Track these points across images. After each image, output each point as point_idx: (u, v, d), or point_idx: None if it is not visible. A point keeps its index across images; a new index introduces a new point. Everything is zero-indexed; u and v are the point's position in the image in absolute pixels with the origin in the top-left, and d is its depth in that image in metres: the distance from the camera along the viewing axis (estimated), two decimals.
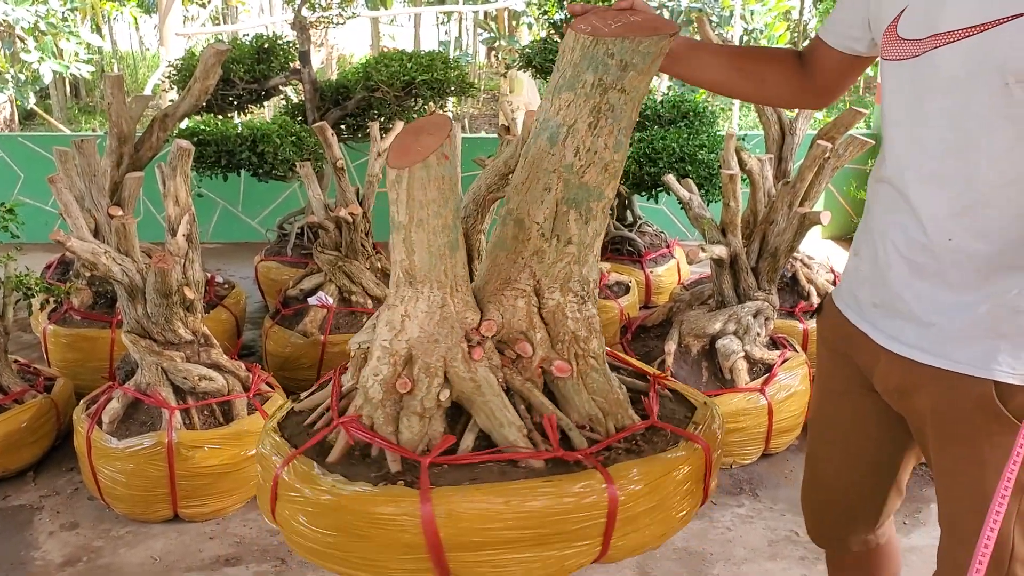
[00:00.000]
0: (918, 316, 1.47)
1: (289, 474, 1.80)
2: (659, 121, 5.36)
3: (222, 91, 4.95)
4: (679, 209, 5.99)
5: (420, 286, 1.82)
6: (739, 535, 2.98)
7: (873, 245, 1.56)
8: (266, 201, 7.09)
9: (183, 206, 3.14)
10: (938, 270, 1.43)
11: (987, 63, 1.29)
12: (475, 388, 1.86)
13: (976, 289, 1.40)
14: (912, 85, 1.43)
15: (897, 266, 1.50)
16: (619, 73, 1.67)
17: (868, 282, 1.58)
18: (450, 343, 1.85)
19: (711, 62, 1.77)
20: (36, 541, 2.95)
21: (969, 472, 1.47)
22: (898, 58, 1.45)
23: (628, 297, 4.54)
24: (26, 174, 6.97)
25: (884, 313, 1.55)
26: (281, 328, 4.02)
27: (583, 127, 1.75)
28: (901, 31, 1.43)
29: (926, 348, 1.46)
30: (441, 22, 16.07)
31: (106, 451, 2.93)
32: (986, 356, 1.40)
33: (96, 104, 14.02)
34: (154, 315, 3.02)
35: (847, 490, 1.82)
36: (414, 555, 1.69)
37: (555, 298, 1.92)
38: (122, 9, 10.44)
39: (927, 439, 1.54)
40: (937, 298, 1.44)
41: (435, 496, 1.68)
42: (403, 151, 1.69)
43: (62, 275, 4.69)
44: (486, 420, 1.86)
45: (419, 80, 4.94)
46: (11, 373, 3.41)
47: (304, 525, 1.76)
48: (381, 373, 1.85)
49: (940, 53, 1.36)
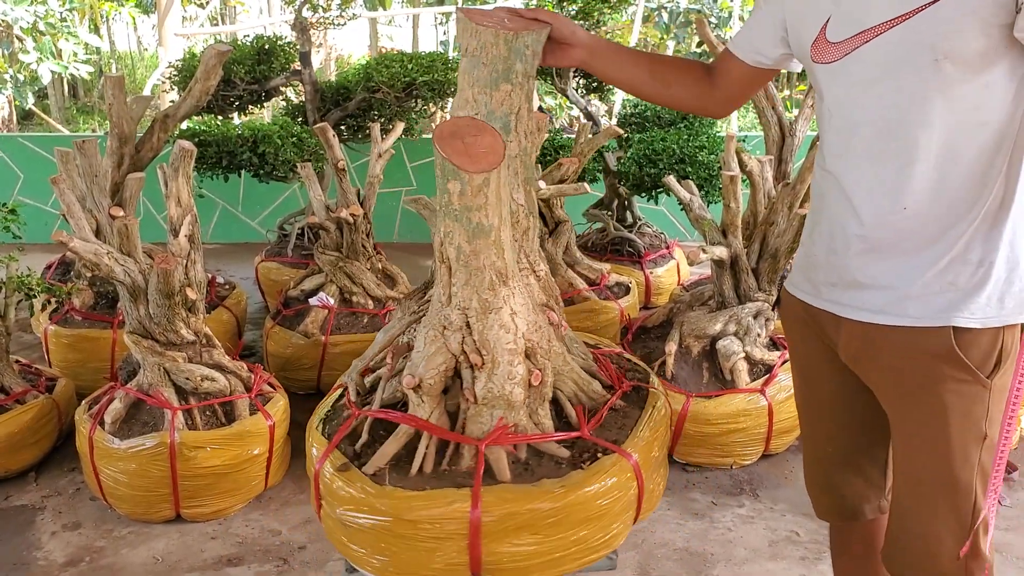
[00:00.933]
0: (876, 285, 1.57)
1: (490, 513, 1.83)
2: (659, 123, 5.37)
3: (223, 92, 4.96)
4: (679, 210, 6.00)
5: (512, 282, 1.92)
6: (740, 535, 2.99)
7: (827, 231, 1.66)
8: (266, 202, 7.10)
9: (185, 207, 3.15)
10: (893, 241, 1.54)
11: (918, 45, 1.43)
12: (564, 360, 2.09)
13: (928, 249, 1.51)
14: (846, 79, 1.56)
15: (853, 246, 1.59)
16: (532, 62, 1.90)
17: (823, 267, 1.68)
18: (545, 324, 2.03)
19: (627, 63, 1.93)
20: (38, 541, 2.96)
21: (931, 422, 1.56)
22: (830, 60, 1.58)
23: (628, 298, 4.55)
24: (26, 174, 6.97)
25: (841, 288, 1.64)
26: (282, 329, 4.03)
27: (524, 113, 1.96)
28: (830, 36, 1.57)
29: (885, 310, 1.57)
30: (439, 23, 16.08)
31: (108, 451, 2.93)
32: (943, 308, 1.51)
33: (94, 104, 14.03)
34: (156, 316, 3.03)
35: (851, 456, 1.86)
36: (632, 509, 2.01)
37: (543, 268, 2.16)
38: (120, 9, 10.45)
39: (888, 397, 1.64)
40: (893, 267, 1.55)
41: (628, 449, 1.99)
42: (468, 156, 1.73)
43: (63, 276, 4.70)
44: (573, 386, 2.10)
45: (420, 81, 4.95)
46: (13, 373, 3.41)
47: (541, 544, 1.88)
48: (519, 375, 1.92)
49: (871, 45, 1.49)
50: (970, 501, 1.58)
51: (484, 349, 1.91)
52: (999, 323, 1.51)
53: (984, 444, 1.55)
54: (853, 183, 1.57)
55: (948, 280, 1.51)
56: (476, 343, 1.92)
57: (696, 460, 3.39)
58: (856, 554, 1.97)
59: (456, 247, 1.85)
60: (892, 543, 1.70)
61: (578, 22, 5.12)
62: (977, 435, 1.55)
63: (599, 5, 5.13)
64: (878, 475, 1.87)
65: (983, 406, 1.53)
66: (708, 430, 3.29)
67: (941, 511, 1.59)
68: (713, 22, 10.71)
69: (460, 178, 1.73)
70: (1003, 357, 1.53)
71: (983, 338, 1.51)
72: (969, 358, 1.51)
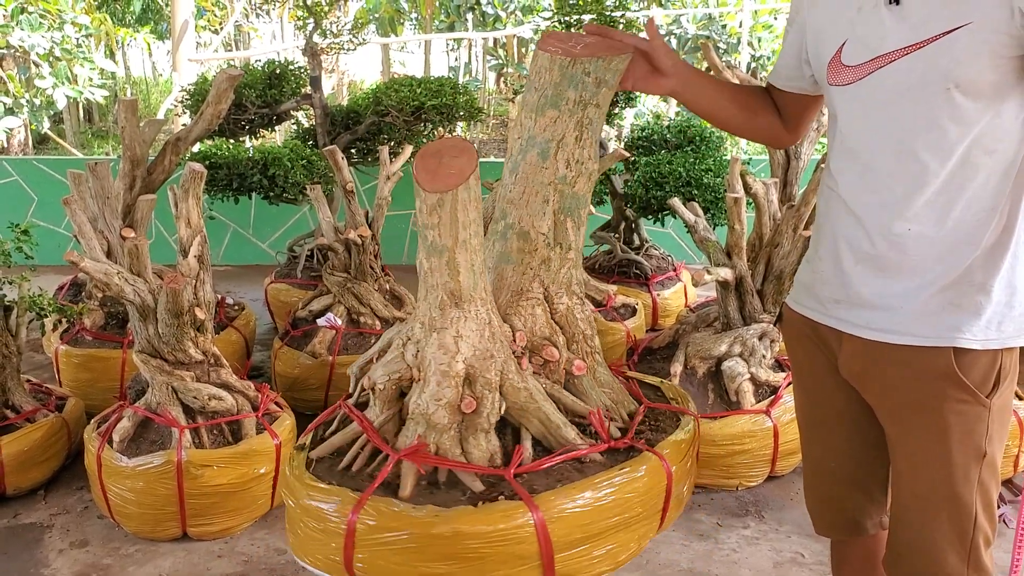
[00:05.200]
0: (880, 305, 1.61)
1: (369, 519, 1.78)
2: (666, 145, 5.41)
3: (234, 115, 5.02)
4: (685, 232, 6.03)
5: (467, 306, 1.87)
6: (745, 557, 2.99)
7: (833, 249, 1.69)
8: (276, 224, 7.16)
9: (195, 227, 3.19)
10: (898, 261, 1.58)
11: (932, 73, 1.47)
12: (528, 397, 1.97)
13: (932, 270, 1.55)
14: (860, 102, 1.60)
15: (860, 264, 1.63)
16: (595, 90, 1.85)
17: (830, 283, 1.71)
18: (502, 357, 1.93)
19: (717, 95, 1.88)
20: (46, 559, 2.98)
21: (933, 441, 1.59)
22: (845, 83, 1.62)
23: (635, 319, 4.57)
24: (39, 197, 7.06)
25: (847, 306, 1.67)
26: (290, 349, 4.05)
27: (571, 141, 1.90)
28: (845, 60, 1.61)
29: (889, 329, 1.60)
30: (450, 49, 16.21)
31: (116, 469, 2.95)
32: (946, 328, 1.55)
33: (108, 128, 14.17)
34: (165, 335, 3.06)
35: (853, 472, 1.87)
36: (528, 564, 1.77)
37: (564, 302, 2.07)
38: (135, 36, 10.59)
39: (889, 415, 1.67)
40: (898, 286, 1.59)
41: (540, 502, 1.77)
42: (433, 175, 1.73)
43: (74, 296, 4.74)
44: (540, 426, 1.98)
45: (428, 105, 5.01)
46: (23, 392, 3.45)
47: (404, 566, 1.75)
48: (445, 397, 1.88)
49: (886, 71, 1.53)
50: (971, 517, 1.60)
51: (420, 366, 1.91)
52: (998, 345, 1.54)
53: (984, 462, 1.58)
54: (863, 204, 1.61)
55: (951, 301, 1.54)
56: (416, 358, 1.93)
57: (701, 481, 3.39)
58: (856, 568, 1.98)
59: (419, 262, 1.88)
60: (895, 556, 1.71)
61: None
62: (977, 454, 1.58)
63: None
64: (879, 491, 1.87)
65: (983, 425, 1.56)
66: (713, 451, 3.29)
67: (943, 526, 1.62)
68: (721, 47, 10.78)
69: (419, 195, 1.75)
70: (1002, 377, 1.56)
71: (983, 359, 1.54)
72: (969, 378, 1.54)
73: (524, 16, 12.17)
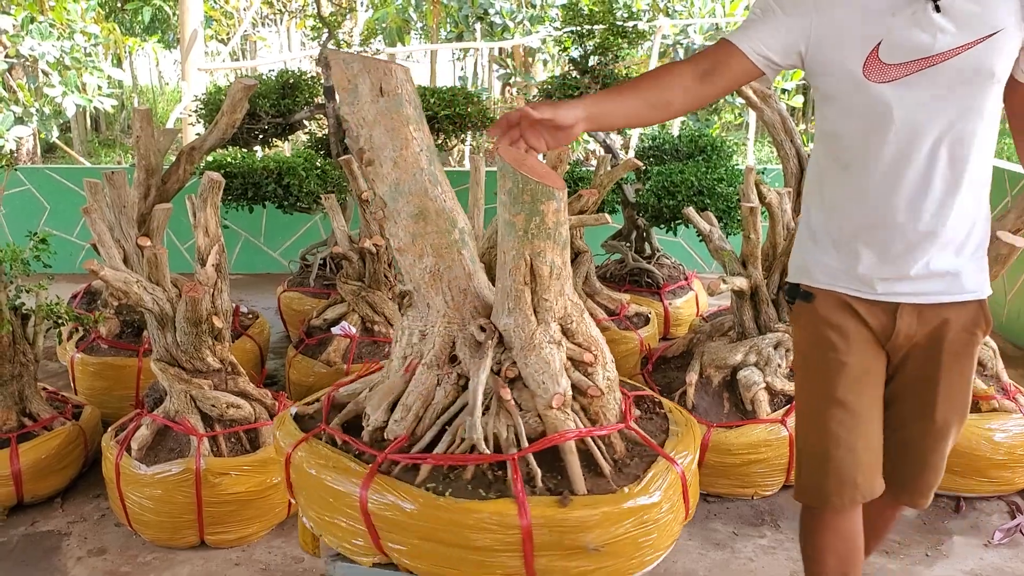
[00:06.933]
0: (935, 273, 1.92)
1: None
2: (677, 155, 5.42)
3: (248, 125, 5.03)
4: (697, 242, 6.03)
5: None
6: (761, 566, 2.99)
7: (880, 237, 1.92)
8: (288, 233, 7.18)
9: (213, 236, 3.20)
10: (948, 236, 1.89)
11: (979, 69, 1.79)
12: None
13: (969, 239, 1.92)
14: (909, 94, 1.82)
15: (913, 245, 1.90)
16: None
17: (876, 266, 1.94)
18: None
19: (624, 106, 1.93)
20: (64, 567, 2.98)
21: (965, 376, 2.03)
22: (892, 79, 1.83)
23: (648, 328, 4.57)
24: (52, 205, 7.08)
25: (905, 282, 1.93)
26: (305, 357, 4.07)
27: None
28: (884, 58, 1.82)
29: (947, 292, 1.94)
30: (457, 58, 16.25)
31: (134, 477, 2.96)
32: (980, 284, 1.96)
33: (116, 138, 14.22)
34: (183, 343, 3.07)
35: (875, 437, 2.06)
36: None
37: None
38: (144, 45, 10.62)
39: (936, 364, 2.00)
40: (948, 256, 1.91)
41: None
42: (545, 177, 1.91)
43: (88, 305, 4.76)
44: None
45: (441, 115, 5.02)
46: (40, 401, 3.46)
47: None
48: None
49: (937, 68, 1.79)
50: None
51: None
52: (990, 291, 2.00)
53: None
54: (914, 190, 1.87)
55: (978, 263, 1.95)
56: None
57: (717, 490, 3.39)
58: (847, 533, 2.11)
59: (549, 263, 2.01)
60: (911, 479, 2.11)
61: (595, 56, 5.21)
62: (974, 372, 2.06)
63: (616, 40, 5.19)
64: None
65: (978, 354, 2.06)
66: (729, 460, 3.29)
67: (952, 440, 2.08)
68: None
69: (555, 196, 1.91)
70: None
71: (986, 304, 1.99)
72: (987, 319, 1.99)
73: (532, 26, 12.19)
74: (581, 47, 5.27)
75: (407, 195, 2.10)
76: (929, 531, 3.20)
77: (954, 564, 3.00)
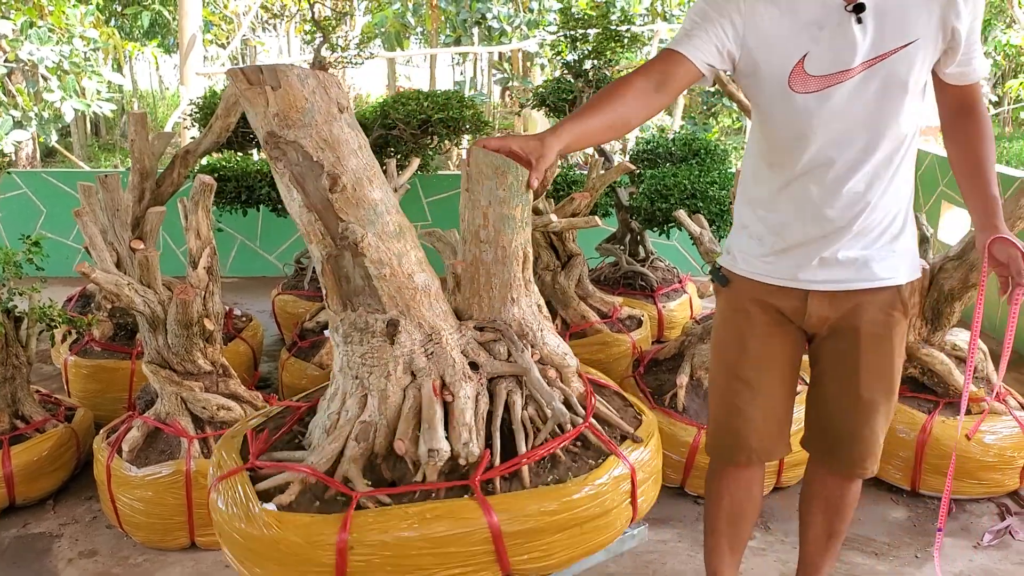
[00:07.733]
0: (849, 261, 2.06)
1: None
2: (671, 158, 5.43)
3: (242, 128, 5.05)
4: (690, 245, 6.04)
5: None
6: (751, 568, 2.99)
7: (800, 230, 2.06)
8: (283, 236, 7.19)
9: (204, 239, 3.21)
10: (863, 227, 2.02)
11: (892, 78, 1.90)
12: None
13: (885, 231, 2.05)
14: (829, 104, 1.93)
15: (831, 236, 2.04)
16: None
17: (796, 255, 2.09)
18: None
19: (591, 129, 1.96)
20: (55, 569, 2.99)
21: (887, 355, 2.16)
22: (814, 90, 1.93)
23: (640, 331, 4.58)
24: (48, 209, 7.10)
25: (819, 268, 2.08)
26: (298, 360, 4.08)
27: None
28: (809, 70, 1.92)
29: (857, 279, 2.07)
30: (456, 63, 16.29)
31: (125, 479, 2.98)
32: (893, 270, 2.08)
33: (115, 142, 14.24)
34: (174, 346, 3.08)
35: (777, 409, 2.29)
36: None
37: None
38: (143, 49, 10.64)
39: (855, 344, 2.14)
40: (863, 246, 2.05)
41: None
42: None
43: (83, 308, 4.77)
44: None
45: (435, 118, 5.04)
46: (33, 403, 3.47)
47: None
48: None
49: (855, 80, 1.91)
50: (895, 401, 2.25)
51: None
52: (911, 278, 2.12)
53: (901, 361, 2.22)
54: (832, 188, 2.00)
55: (894, 250, 2.07)
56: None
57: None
58: (744, 487, 2.39)
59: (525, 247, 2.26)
60: (834, 443, 2.26)
61: (591, 61, 5.22)
62: (902, 355, 2.21)
63: (611, 44, 5.21)
64: (787, 425, 2.35)
65: (904, 335, 2.19)
66: None
67: (883, 415, 2.21)
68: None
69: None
70: (911, 300, 2.14)
71: (906, 288, 2.11)
72: (904, 303, 2.11)
73: (530, 30, 12.22)
74: (575, 52, 5.28)
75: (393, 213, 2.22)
76: (919, 533, 3.21)
77: (944, 566, 3.00)
